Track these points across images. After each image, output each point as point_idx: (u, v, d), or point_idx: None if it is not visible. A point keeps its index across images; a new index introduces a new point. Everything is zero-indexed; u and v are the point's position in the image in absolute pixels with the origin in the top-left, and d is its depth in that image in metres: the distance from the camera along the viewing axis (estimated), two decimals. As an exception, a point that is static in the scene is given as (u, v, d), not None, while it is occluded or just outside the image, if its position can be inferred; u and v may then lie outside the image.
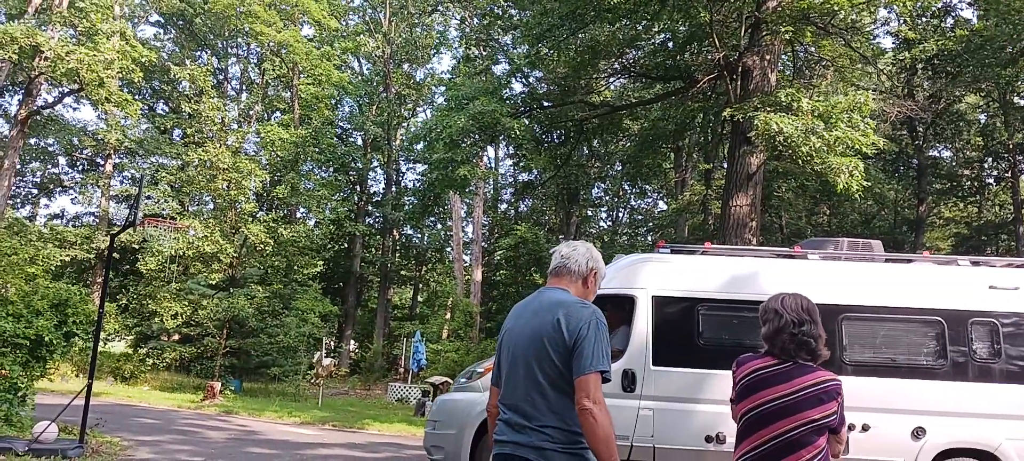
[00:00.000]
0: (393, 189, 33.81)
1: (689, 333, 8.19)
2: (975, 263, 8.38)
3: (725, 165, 18.55)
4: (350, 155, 33.33)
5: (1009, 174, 24.10)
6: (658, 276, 8.42)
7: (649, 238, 33.88)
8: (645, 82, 20.33)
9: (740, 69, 15.18)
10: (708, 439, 7.72)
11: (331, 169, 33.28)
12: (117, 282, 28.81)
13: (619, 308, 8.28)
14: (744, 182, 15.44)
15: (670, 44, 18.14)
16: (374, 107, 33.08)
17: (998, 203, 26.75)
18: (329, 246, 33.07)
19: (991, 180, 26.45)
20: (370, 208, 34.56)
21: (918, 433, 7.60)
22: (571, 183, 26.83)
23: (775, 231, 23.91)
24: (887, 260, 8.57)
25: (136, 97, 29.59)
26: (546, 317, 2.88)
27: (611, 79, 21.84)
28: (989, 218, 26.18)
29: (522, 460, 2.81)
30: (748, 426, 2.94)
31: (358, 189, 34.32)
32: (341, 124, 34.93)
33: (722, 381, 7.65)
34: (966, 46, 18.99)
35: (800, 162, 13.91)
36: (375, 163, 34.41)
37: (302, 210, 33.26)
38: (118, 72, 24.40)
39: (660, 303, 8.29)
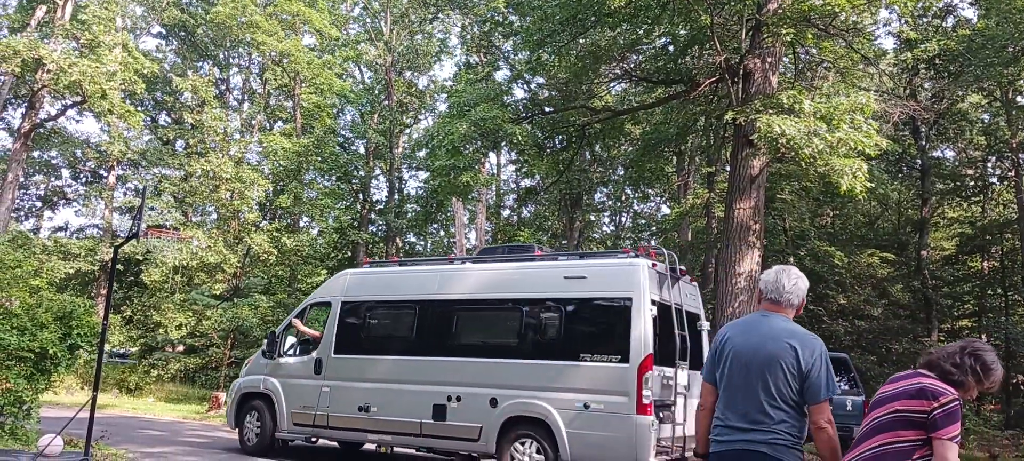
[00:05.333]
0: (396, 197, 33.83)
1: (358, 328, 10.68)
2: (565, 257, 9.87)
3: (727, 168, 18.52)
4: (352, 163, 33.36)
5: (1013, 173, 24.02)
6: (348, 286, 11.01)
7: (652, 242, 33.85)
8: (646, 86, 20.31)
9: (742, 72, 15.15)
10: (360, 408, 10.03)
11: (334, 178, 33.31)
12: (121, 294, 28.84)
13: (323, 312, 11.09)
14: (747, 185, 15.39)
15: (671, 48, 18.12)
16: (376, 115, 33.12)
17: (1002, 202, 26.68)
18: (332, 255, 33.08)
19: (994, 179, 26.38)
20: (373, 216, 34.57)
21: (494, 403, 8.98)
22: (573, 188, 26.80)
23: (778, 234, 23.84)
24: (511, 258, 10.15)
25: (138, 108, 29.71)
26: (782, 344, 3.48)
27: (612, 84, 21.84)
28: (993, 217, 26.09)
29: (754, 452, 3.42)
30: None
31: (361, 197, 34.34)
32: (343, 133, 34.97)
33: (375, 364, 10.28)
34: (968, 46, 18.95)
35: (803, 164, 13.87)
36: (377, 171, 34.44)
37: (305, 219, 33.29)
38: (120, 84, 24.48)
39: (345, 307, 10.82)
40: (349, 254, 33.02)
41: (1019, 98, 21.89)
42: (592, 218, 34.07)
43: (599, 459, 8.34)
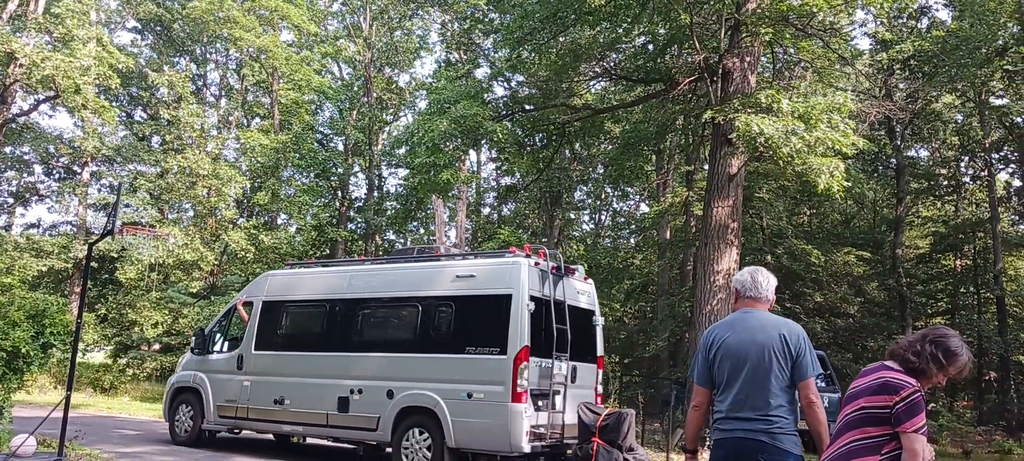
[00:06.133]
0: (375, 194, 33.65)
1: (276, 326, 11.39)
2: (462, 257, 10.55)
3: (706, 167, 18.65)
4: (331, 160, 33.14)
5: (985, 173, 24.41)
6: (269, 287, 11.77)
7: (632, 240, 33.98)
8: (626, 85, 20.39)
9: (720, 71, 15.26)
10: (276, 401, 10.74)
11: (312, 175, 33.07)
12: (96, 292, 28.42)
13: (248, 311, 11.70)
14: (725, 184, 15.52)
15: (650, 47, 18.21)
16: (355, 112, 32.91)
17: (974, 201, 27.11)
18: (311, 252, 32.86)
19: (967, 179, 26.80)
20: (352, 213, 34.37)
21: (390, 394, 9.61)
22: (553, 186, 26.84)
23: (756, 232, 24.03)
24: (418, 259, 10.68)
25: (113, 104, 29.25)
26: (772, 334, 3.77)
27: (592, 82, 21.90)
28: (966, 217, 26.50)
29: (754, 441, 3.66)
30: None
31: (339, 195, 34.12)
32: (322, 129, 34.72)
33: (289, 360, 10.99)
34: (942, 47, 19.20)
35: (781, 163, 14.01)
36: (357, 168, 34.23)
37: (283, 216, 33.01)
38: (95, 78, 24.09)
39: (264, 306, 11.56)
40: (327, 252, 32.82)
41: (992, 99, 22.23)
42: (572, 216, 34.12)
43: (479, 444, 9.03)
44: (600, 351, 10.63)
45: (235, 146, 30.60)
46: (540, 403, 9.16)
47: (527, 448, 8.79)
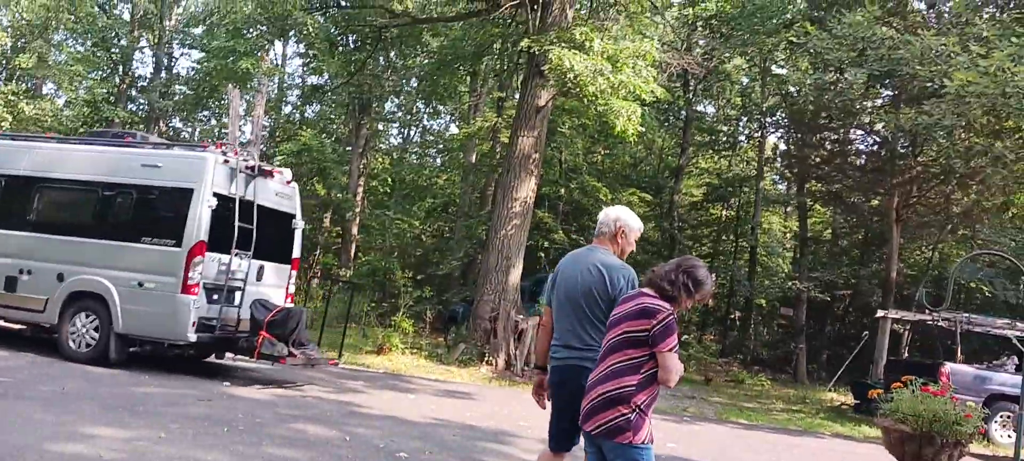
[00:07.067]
0: (163, 74, 30.61)
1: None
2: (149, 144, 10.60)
3: (517, 96, 18.95)
4: (113, 30, 29.54)
5: (759, 134, 27.08)
6: None
7: (438, 160, 33.99)
8: (449, -2, 20.03)
9: (541, 0, 15.43)
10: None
11: (89, 43, 29.35)
12: None
13: None
14: (532, 115, 15.90)
15: (477, -37, 17.92)
16: (146, -22, 29.46)
17: (746, 159, 30.04)
18: (81, 130, 29.38)
19: (743, 138, 29.58)
20: (133, 93, 31.10)
21: (60, 278, 9.66)
22: (364, 93, 25.88)
23: (554, 165, 24.97)
24: (109, 144, 10.48)
25: None
26: (595, 273, 4.06)
27: (415, -12, 21.25)
28: (736, 172, 29.30)
29: (577, 367, 3.96)
30: None
31: (121, 70, 30.65)
32: (104, -8, 30.75)
33: (8, 239, 10.11)
34: (741, 11, 20.84)
35: (586, 101, 14.58)
36: (144, 43, 30.86)
37: (50, 85, 29.16)
38: None
39: None
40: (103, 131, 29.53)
41: (773, 67, 24.52)
42: (380, 127, 33.33)
43: (147, 331, 9.38)
44: (296, 254, 10.92)
45: (-8, -5, 26.27)
46: (214, 297, 9.55)
47: (193, 337, 9.16)
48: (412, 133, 35.81)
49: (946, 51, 12.42)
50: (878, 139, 21.33)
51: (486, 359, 14.79)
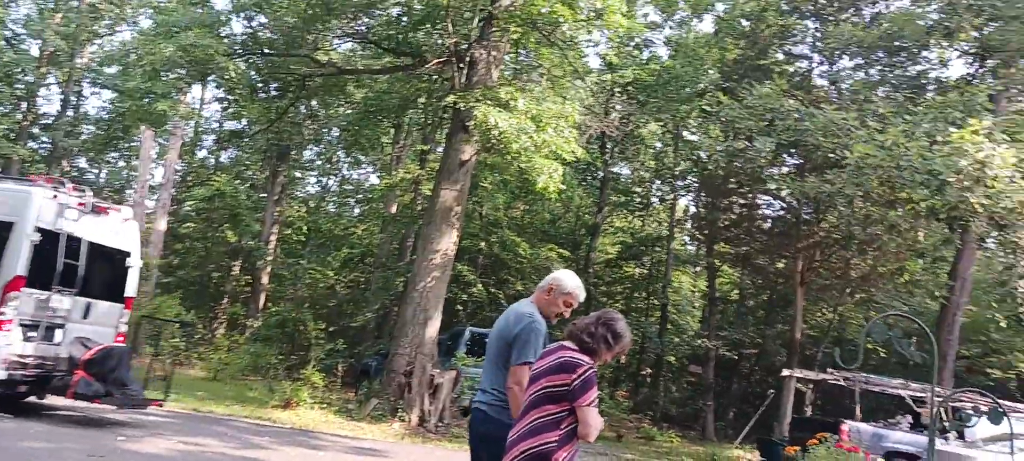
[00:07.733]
0: (70, 113, 29.35)
1: None
2: None
3: (441, 149, 19.12)
4: (18, 65, 28.21)
5: (671, 196, 28.12)
6: None
7: (357, 210, 33.65)
8: (375, 51, 20.10)
9: (468, 58, 15.75)
10: None
11: (-10, 76, 27.88)
12: None
13: None
14: (456, 168, 16.08)
15: (405, 19, 18.17)
16: (60, 16, 28.37)
17: (658, 219, 31.04)
18: (-23, 165, 27.71)
19: (656, 199, 30.63)
20: (36, 131, 29.65)
21: None
22: (283, 140, 25.54)
23: (475, 218, 25.15)
24: None
25: None
26: (505, 321, 4.29)
27: (341, 40, 21.28)
28: (649, 231, 30.22)
29: (481, 412, 4.21)
30: None
31: (24, 106, 29.22)
32: (13, 26, 29.38)
33: None
34: (657, 79, 21.82)
35: (509, 157, 14.86)
36: (51, 79, 29.58)
37: (-57, 117, 27.42)
38: None
39: None
40: (0, 169, 27.94)
41: (686, 133, 25.65)
42: (298, 175, 32.83)
43: None
44: (130, 292, 10.77)
45: None
46: (30, 334, 9.30)
47: (2, 375, 8.88)
48: (331, 182, 35.41)
49: (846, 125, 13.37)
50: (784, 205, 22.42)
51: (399, 415, 14.51)
